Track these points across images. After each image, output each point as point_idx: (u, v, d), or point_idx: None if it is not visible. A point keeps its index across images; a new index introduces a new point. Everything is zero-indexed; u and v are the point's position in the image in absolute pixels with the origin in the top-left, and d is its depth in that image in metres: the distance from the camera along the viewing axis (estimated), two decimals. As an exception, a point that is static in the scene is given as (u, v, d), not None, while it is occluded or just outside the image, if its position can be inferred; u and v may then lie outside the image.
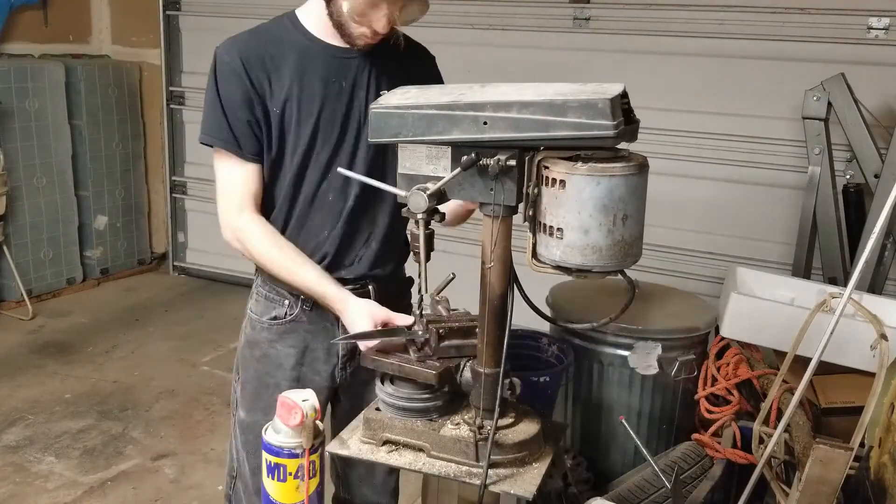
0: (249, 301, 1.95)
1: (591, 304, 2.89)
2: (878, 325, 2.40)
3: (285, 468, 1.24)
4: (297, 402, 1.22)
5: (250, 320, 1.93)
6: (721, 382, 2.75)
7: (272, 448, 1.24)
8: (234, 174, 1.76)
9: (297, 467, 1.24)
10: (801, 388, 1.96)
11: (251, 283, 1.96)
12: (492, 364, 1.47)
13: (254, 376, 1.92)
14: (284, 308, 1.87)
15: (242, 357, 1.95)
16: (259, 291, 1.91)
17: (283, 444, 1.24)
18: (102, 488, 3.16)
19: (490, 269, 1.45)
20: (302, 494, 1.25)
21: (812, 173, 3.49)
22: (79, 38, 5.70)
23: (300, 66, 1.74)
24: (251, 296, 1.95)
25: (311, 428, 1.24)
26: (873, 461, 2.17)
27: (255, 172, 1.77)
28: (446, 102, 1.39)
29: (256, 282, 1.92)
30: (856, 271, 1.79)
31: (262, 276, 1.89)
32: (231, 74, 1.71)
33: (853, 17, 3.67)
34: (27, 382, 4.00)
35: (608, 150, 1.32)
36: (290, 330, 1.87)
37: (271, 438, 1.25)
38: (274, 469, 1.25)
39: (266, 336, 1.89)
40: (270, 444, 1.25)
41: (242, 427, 1.94)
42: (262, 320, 1.89)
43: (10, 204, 4.82)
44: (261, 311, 1.90)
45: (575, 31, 4.28)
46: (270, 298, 1.88)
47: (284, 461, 1.23)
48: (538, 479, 1.46)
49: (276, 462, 1.24)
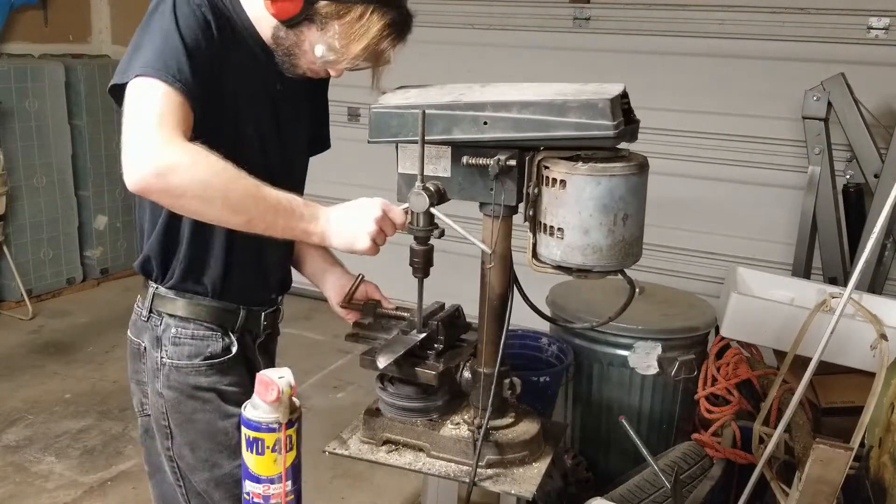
0: (157, 352, 1.63)
1: (591, 304, 2.89)
2: (877, 325, 2.41)
3: (263, 442, 1.31)
4: (273, 379, 1.28)
5: (173, 370, 1.62)
6: (721, 382, 2.75)
7: (251, 423, 1.31)
8: (180, 104, 1.37)
9: (275, 441, 1.31)
10: (801, 388, 1.95)
11: None
12: (492, 364, 1.47)
13: (204, 429, 1.65)
14: (219, 342, 1.64)
15: (175, 418, 1.65)
16: (177, 333, 1.62)
17: (260, 419, 1.30)
18: (102, 488, 3.16)
19: (490, 269, 1.45)
20: (280, 467, 1.32)
21: (812, 173, 3.49)
22: (79, 38, 5.69)
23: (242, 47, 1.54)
24: (157, 344, 1.63)
25: (286, 403, 1.30)
26: (873, 461, 2.17)
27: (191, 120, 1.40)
28: (446, 102, 1.39)
29: (163, 325, 1.62)
30: (856, 271, 1.79)
31: (174, 316, 1.62)
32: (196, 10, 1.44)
33: (853, 16, 3.67)
34: (27, 382, 4.00)
35: (608, 150, 1.32)
36: (229, 366, 1.65)
37: (250, 414, 1.31)
38: (253, 443, 1.31)
39: (204, 380, 1.63)
40: (249, 419, 1.31)
41: (213, 487, 1.69)
42: (193, 364, 1.62)
43: (10, 204, 4.81)
44: (189, 355, 1.62)
45: (575, 31, 4.28)
46: (200, 336, 1.63)
47: (263, 435, 1.30)
48: (538, 478, 1.46)
49: (254, 437, 1.31)
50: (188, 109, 1.38)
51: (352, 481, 3.18)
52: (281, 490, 1.33)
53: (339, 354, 4.18)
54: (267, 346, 1.79)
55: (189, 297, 1.63)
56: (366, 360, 1.54)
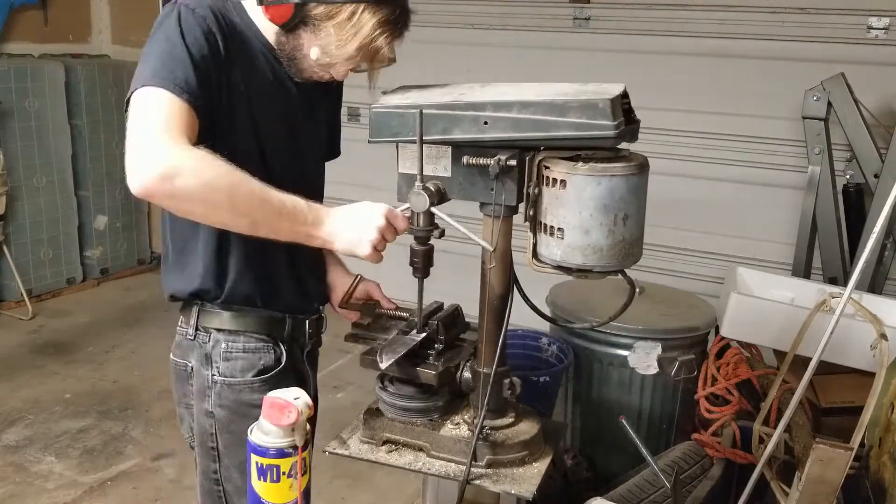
0: (207, 370, 1.60)
1: (591, 304, 2.89)
2: (877, 325, 2.41)
3: (279, 468, 1.22)
4: (289, 401, 1.20)
5: (225, 388, 1.60)
6: (721, 382, 2.76)
7: (261, 450, 1.22)
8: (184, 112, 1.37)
9: (291, 466, 1.22)
10: (801, 388, 1.95)
11: None
12: (491, 363, 1.47)
13: None
14: (271, 354, 1.62)
15: (224, 441, 1.62)
16: (228, 348, 1.60)
17: (274, 444, 1.21)
18: (102, 488, 3.16)
19: (490, 269, 1.45)
20: (295, 492, 1.24)
21: (812, 173, 3.49)
22: (79, 37, 5.69)
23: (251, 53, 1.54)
24: (207, 362, 1.60)
25: (303, 426, 1.23)
26: (873, 461, 2.17)
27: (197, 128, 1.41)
28: (446, 102, 1.39)
29: (212, 341, 1.61)
30: (856, 271, 1.79)
31: (223, 331, 1.60)
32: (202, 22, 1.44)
33: (853, 16, 3.67)
34: (27, 382, 4.00)
35: (609, 150, 1.32)
36: (281, 379, 1.61)
37: (260, 440, 1.22)
38: (266, 471, 1.22)
39: (258, 397, 1.47)
40: (259, 445, 1.22)
41: None
42: (245, 380, 1.60)
43: (10, 204, 4.81)
44: (242, 370, 1.60)
45: (575, 30, 4.28)
46: (251, 349, 1.61)
47: (278, 461, 1.22)
48: (538, 478, 1.46)
49: (267, 464, 1.22)
50: (193, 117, 1.38)
51: (352, 481, 3.18)
52: None
53: (339, 354, 4.17)
54: (313, 356, 1.78)
55: (236, 308, 1.61)
56: (367, 360, 1.54)
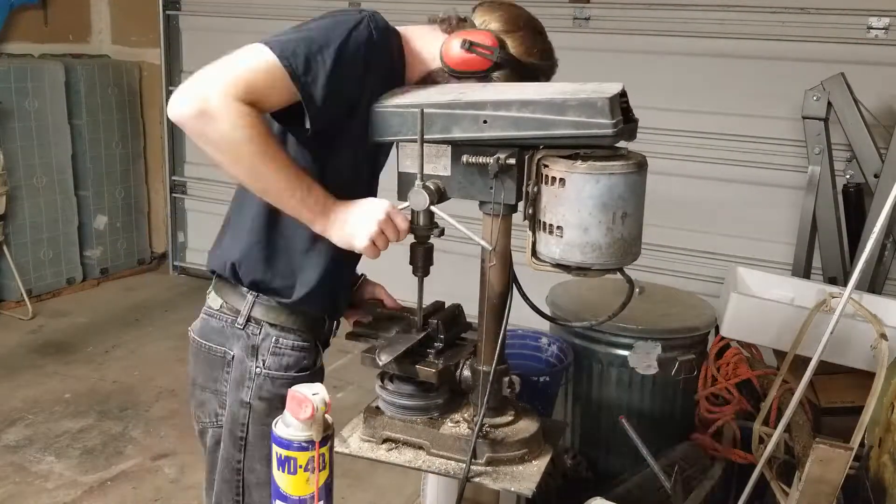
0: (252, 361, 1.63)
1: (590, 303, 2.89)
2: (877, 325, 2.41)
3: (296, 461, 1.27)
4: (307, 396, 1.24)
5: (267, 381, 1.63)
6: (721, 382, 2.76)
7: (282, 441, 1.27)
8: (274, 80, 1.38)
9: (308, 460, 1.27)
10: (800, 388, 1.96)
11: None
12: (491, 362, 1.47)
13: None
14: (312, 355, 1.67)
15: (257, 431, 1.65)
16: (280, 343, 1.63)
17: (293, 437, 1.26)
18: (102, 488, 3.16)
19: (490, 268, 1.45)
20: (312, 486, 1.28)
21: (812, 173, 3.49)
22: (79, 37, 5.70)
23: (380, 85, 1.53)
24: (254, 353, 1.63)
25: (321, 421, 1.26)
26: (873, 461, 2.17)
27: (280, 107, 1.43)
28: (446, 101, 1.39)
29: (263, 334, 1.63)
30: (856, 271, 1.79)
31: (276, 326, 1.63)
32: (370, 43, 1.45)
33: (853, 16, 3.67)
34: (27, 382, 4.00)
35: (607, 149, 1.32)
36: (317, 377, 1.68)
37: (281, 432, 1.27)
38: (284, 462, 1.27)
39: None
40: (281, 437, 1.27)
41: None
42: (289, 375, 1.63)
43: (10, 204, 4.81)
44: (286, 366, 1.64)
45: (574, 30, 4.28)
46: (299, 348, 1.64)
47: (295, 454, 1.26)
48: (538, 476, 1.46)
49: (286, 455, 1.27)
50: (280, 91, 1.39)
51: (352, 481, 3.18)
52: None
53: (340, 354, 4.17)
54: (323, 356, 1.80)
55: (288, 305, 1.62)
56: (367, 358, 1.55)
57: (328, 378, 1.92)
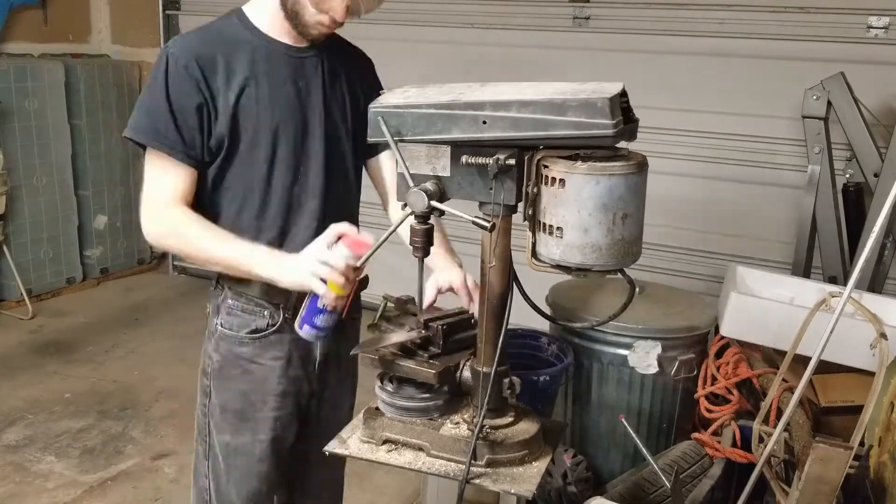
0: (216, 318, 1.83)
1: (590, 303, 2.89)
2: (877, 325, 2.40)
3: None
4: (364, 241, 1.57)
5: (223, 337, 1.82)
6: (721, 381, 2.76)
7: None
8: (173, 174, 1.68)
9: None
10: (800, 388, 1.96)
11: None
12: (492, 363, 1.47)
13: (236, 396, 1.83)
14: (266, 319, 1.79)
15: (216, 379, 1.84)
16: (232, 304, 1.81)
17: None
18: (102, 488, 3.16)
19: (490, 269, 1.45)
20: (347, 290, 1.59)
21: (812, 172, 3.49)
22: (78, 37, 5.70)
23: (254, 67, 1.69)
24: (217, 311, 1.83)
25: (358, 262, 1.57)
26: (873, 460, 2.17)
27: (191, 177, 1.70)
28: (446, 102, 1.39)
29: (224, 295, 1.82)
30: (855, 270, 1.79)
31: (232, 289, 1.79)
32: (186, 79, 1.64)
33: (853, 16, 3.67)
34: (27, 382, 4.00)
35: (607, 149, 1.32)
36: (274, 341, 1.81)
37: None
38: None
39: (247, 351, 1.81)
40: None
41: (228, 452, 1.85)
42: (239, 335, 1.80)
43: (10, 204, 4.82)
44: (238, 326, 1.81)
45: (574, 30, 4.28)
46: (248, 311, 1.80)
47: None
48: (537, 477, 1.46)
49: None
50: (180, 169, 1.67)
51: (352, 481, 3.17)
52: None
53: (339, 354, 4.18)
54: None
55: None
56: (365, 359, 1.55)
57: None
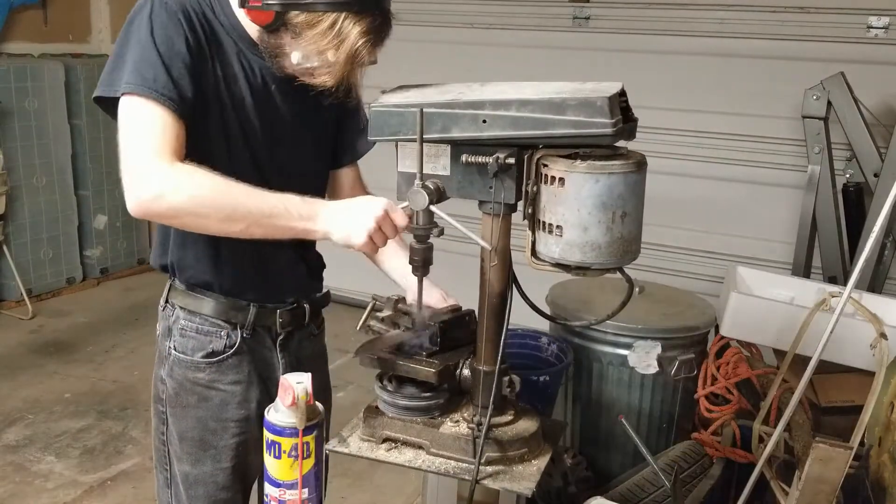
0: (167, 340, 1.69)
1: (590, 303, 2.89)
2: (877, 324, 2.41)
3: (280, 446, 1.33)
4: (291, 384, 1.30)
5: (177, 362, 1.68)
6: (721, 381, 2.76)
7: (270, 426, 1.34)
8: (166, 123, 1.42)
9: (291, 446, 1.32)
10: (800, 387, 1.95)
11: None
12: (491, 362, 1.47)
13: (193, 425, 1.70)
14: (223, 339, 1.66)
15: (172, 407, 1.71)
16: (185, 325, 1.66)
17: (278, 422, 1.33)
18: (102, 488, 3.16)
19: (490, 268, 1.45)
20: (296, 473, 1.34)
21: (812, 172, 3.49)
22: (78, 37, 5.70)
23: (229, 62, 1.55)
24: (168, 333, 1.69)
25: (303, 409, 1.31)
26: (873, 460, 2.17)
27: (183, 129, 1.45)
28: (446, 101, 1.39)
29: (175, 315, 1.67)
30: (855, 270, 1.79)
31: (184, 309, 1.66)
32: (175, 24, 1.46)
33: (853, 16, 3.67)
34: (27, 382, 4.00)
35: (607, 148, 1.32)
36: (233, 364, 1.68)
37: (271, 417, 1.34)
38: (271, 446, 1.34)
39: (203, 377, 1.67)
40: (269, 421, 1.34)
41: (188, 483, 1.72)
42: (194, 359, 1.66)
43: (10, 204, 4.82)
44: (192, 349, 1.67)
45: (574, 30, 4.28)
46: (203, 331, 1.66)
47: (280, 439, 1.33)
48: (537, 475, 1.46)
49: (273, 440, 1.34)
50: (176, 122, 1.43)
51: (352, 480, 3.18)
52: (297, 497, 1.34)
53: (340, 354, 4.17)
54: (288, 345, 1.76)
55: (198, 291, 1.66)
56: (364, 359, 1.55)
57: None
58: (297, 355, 1.78)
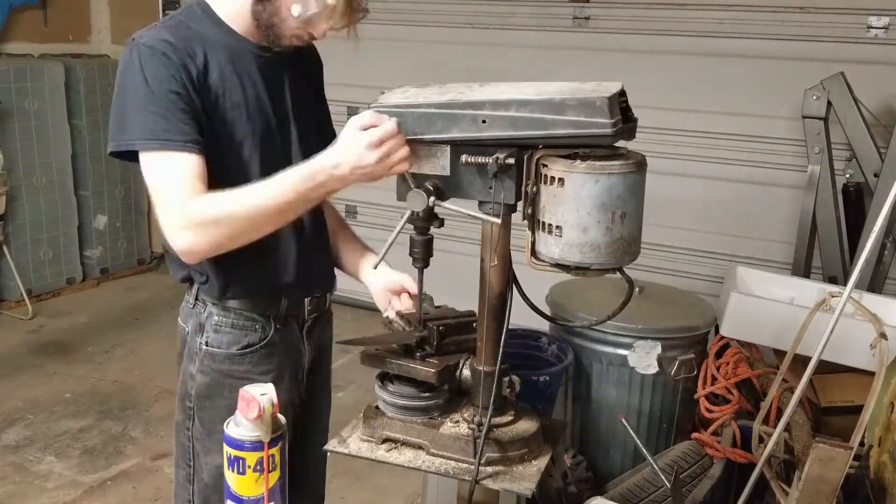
0: (199, 337, 1.72)
1: (590, 303, 2.89)
2: (877, 325, 2.41)
3: (245, 461, 1.27)
4: (255, 396, 1.24)
5: (209, 356, 1.71)
6: (721, 381, 2.76)
7: (232, 441, 1.27)
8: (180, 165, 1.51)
9: (257, 461, 1.27)
10: (800, 387, 1.96)
11: None
12: (491, 362, 1.47)
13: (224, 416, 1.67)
14: (258, 332, 1.71)
15: (202, 400, 1.73)
16: (219, 321, 1.70)
17: (242, 436, 1.26)
18: (102, 488, 3.16)
19: (490, 268, 1.45)
20: (262, 488, 1.28)
21: (812, 172, 3.49)
22: (78, 37, 5.70)
23: (226, 67, 1.59)
24: (200, 330, 1.72)
25: (269, 422, 1.26)
26: (873, 460, 2.17)
27: (201, 162, 1.52)
28: (445, 101, 1.39)
29: (207, 312, 1.71)
30: (855, 270, 1.79)
31: (218, 304, 1.69)
32: (164, 65, 1.51)
33: (853, 16, 3.67)
34: (27, 382, 4.00)
35: (606, 148, 1.32)
36: (265, 355, 1.72)
37: (232, 431, 1.28)
38: (234, 462, 1.28)
39: (239, 369, 1.71)
40: (231, 436, 1.28)
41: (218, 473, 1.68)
42: (229, 353, 1.71)
43: (10, 204, 4.82)
44: (227, 343, 1.71)
45: (574, 30, 4.28)
46: (239, 326, 1.70)
47: (244, 454, 1.27)
48: (537, 476, 1.46)
49: (235, 455, 1.28)
50: (193, 158, 1.51)
51: (352, 480, 3.18)
52: None
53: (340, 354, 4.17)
54: (312, 332, 1.81)
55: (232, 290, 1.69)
56: (366, 358, 1.56)
57: (328, 377, 1.95)
58: (319, 342, 1.85)
